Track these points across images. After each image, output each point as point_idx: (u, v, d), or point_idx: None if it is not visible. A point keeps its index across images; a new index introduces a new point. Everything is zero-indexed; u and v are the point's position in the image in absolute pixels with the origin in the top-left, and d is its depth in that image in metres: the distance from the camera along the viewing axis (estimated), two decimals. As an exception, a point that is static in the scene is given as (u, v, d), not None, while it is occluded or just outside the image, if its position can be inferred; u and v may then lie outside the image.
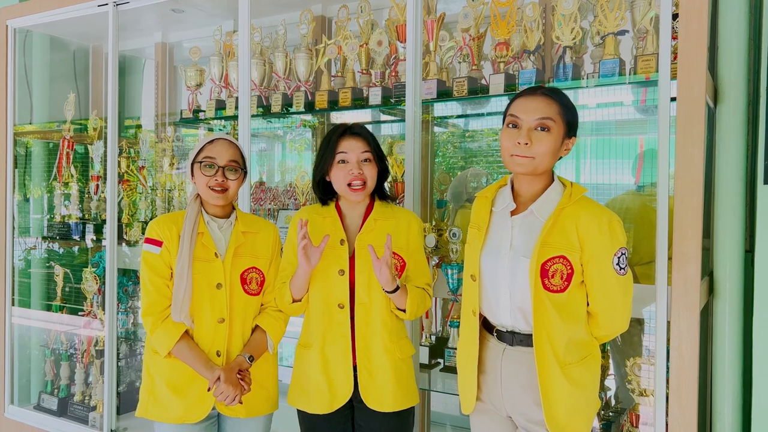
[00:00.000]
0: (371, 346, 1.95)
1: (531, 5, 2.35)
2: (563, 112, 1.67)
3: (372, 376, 1.95)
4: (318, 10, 3.14)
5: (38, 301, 3.81)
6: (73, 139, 3.61)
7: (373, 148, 1.98)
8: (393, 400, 1.95)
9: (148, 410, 2.03)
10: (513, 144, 1.66)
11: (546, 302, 1.66)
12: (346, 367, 1.95)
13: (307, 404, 1.99)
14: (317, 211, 2.06)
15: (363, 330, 1.95)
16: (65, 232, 3.55)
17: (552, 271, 1.66)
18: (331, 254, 1.95)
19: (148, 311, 1.98)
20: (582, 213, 1.67)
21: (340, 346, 1.95)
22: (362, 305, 1.95)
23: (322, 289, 1.97)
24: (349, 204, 2.03)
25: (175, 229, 2.00)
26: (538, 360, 1.67)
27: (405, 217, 2.04)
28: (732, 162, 2.06)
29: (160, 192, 3.43)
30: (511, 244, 1.73)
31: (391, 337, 1.97)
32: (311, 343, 1.99)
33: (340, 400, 1.95)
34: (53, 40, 3.90)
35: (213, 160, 1.98)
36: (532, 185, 1.73)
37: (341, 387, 1.95)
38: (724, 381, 2.06)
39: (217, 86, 3.22)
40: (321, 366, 1.96)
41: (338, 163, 1.96)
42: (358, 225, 2.01)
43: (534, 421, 1.71)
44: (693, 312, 1.87)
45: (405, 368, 2.00)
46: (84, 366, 3.50)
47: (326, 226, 2.00)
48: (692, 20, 1.87)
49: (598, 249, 1.65)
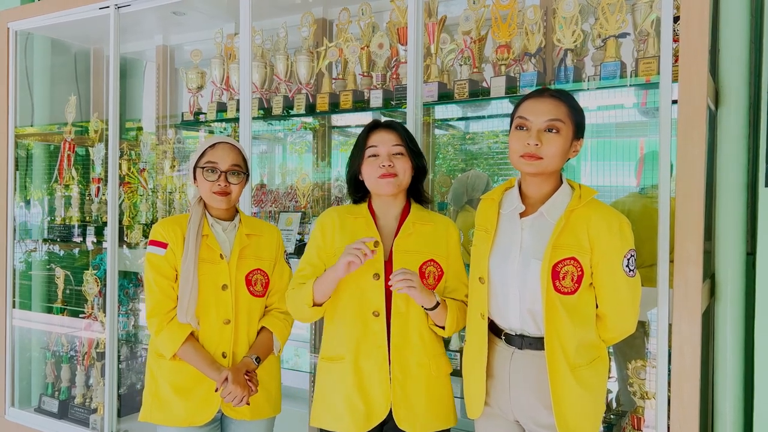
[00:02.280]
0: (407, 359, 1.81)
1: (532, 8, 2.35)
2: (572, 114, 1.68)
3: (406, 394, 1.80)
4: (319, 12, 3.15)
5: (39, 304, 3.80)
6: (74, 141, 3.61)
7: (407, 142, 1.86)
8: (426, 421, 1.82)
9: (152, 414, 2.02)
10: (522, 145, 1.66)
11: (557, 304, 1.66)
12: (383, 382, 1.79)
13: (338, 424, 1.82)
14: (349, 210, 1.93)
15: (399, 341, 1.80)
16: (66, 234, 3.55)
17: (563, 273, 1.66)
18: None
19: (153, 313, 1.98)
20: (593, 215, 1.67)
21: (375, 359, 1.80)
22: (399, 314, 1.81)
23: (354, 295, 1.82)
24: (383, 204, 1.90)
25: (179, 232, 2.00)
26: (549, 363, 1.66)
27: (443, 223, 1.92)
28: (733, 165, 2.06)
29: (160, 194, 3.43)
30: (521, 246, 1.72)
31: (427, 351, 1.84)
32: (342, 355, 1.83)
33: (377, 418, 1.80)
34: (54, 43, 3.90)
35: (215, 164, 1.98)
36: (540, 187, 1.73)
37: (378, 403, 1.79)
38: (725, 384, 2.06)
39: (218, 89, 3.22)
40: (354, 380, 1.80)
41: (369, 157, 1.85)
42: (393, 228, 1.88)
43: (543, 425, 1.71)
44: (694, 315, 1.87)
45: (441, 386, 1.87)
46: (85, 368, 3.49)
47: (359, 227, 1.87)
48: (693, 23, 1.88)
49: (608, 251, 1.66)
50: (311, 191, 3.03)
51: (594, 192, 1.71)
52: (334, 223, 1.90)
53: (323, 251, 1.89)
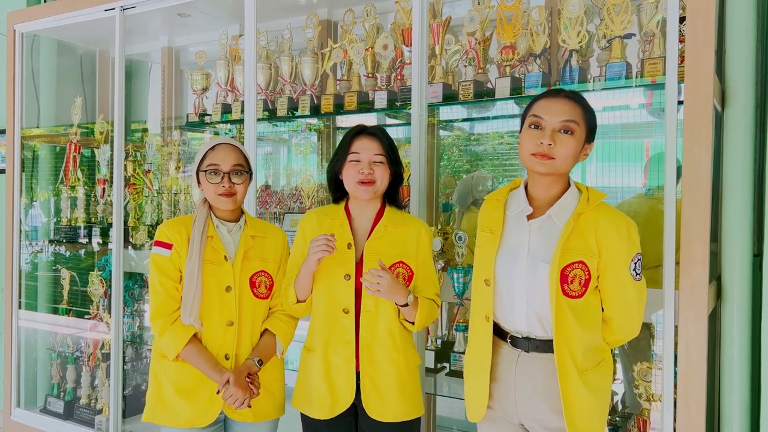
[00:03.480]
0: (375, 354, 1.92)
1: (537, 9, 2.34)
2: (586, 116, 1.68)
3: (375, 385, 1.92)
4: (323, 14, 3.15)
5: (45, 304, 3.81)
6: (79, 142, 3.63)
7: (387, 150, 1.95)
8: (396, 411, 1.93)
9: (156, 415, 2.02)
10: (535, 144, 1.65)
11: (566, 308, 1.65)
12: (349, 374, 1.92)
13: (309, 409, 1.98)
14: (326, 212, 2.04)
15: (367, 338, 1.92)
16: (72, 235, 3.56)
17: (571, 277, 1.65)
18: (336, 257, 1.92)
19: (157, 314, 1.98)
20: (601, 219, 1.66)
21: (343, 353, 1.93)
22: (368, 313, 1.92)
23: (326, 293, 1.95)
24: (359, 206, 2.00)
25: (185, 233, 2.00)
26: (559, 367, 1.65)
27: (415, 226, 2.01)
28: (739, 165, 2.05)
29: (166, 195, 3.44)
30: (528, 248, 1.71)
31: (397, 346, 1.94)
32: (314, 347, 1.98)
33: (341, 407, 1.93)
34: (60, 45, 3.92)
35: (217, 166, 1.98)
36: (549, 189, 1.72)
37: (343, 394, 1.93)
38: (732, 386, 2.05)
39: (223, 90, 3.23)
40: (323, 371, 1.94)
41: (350, 162, 1.94)
42: (367, 229, 1.98)
43: (550, 428, 1.70)
44: (701, 316, 1.86)
45: (410, 379, 1.98)
46: (90, 369, 3.50)
47: (334, 228, 1.97)
48: (699, 23, 1.87)
49: (616, 255, 1.65)
50: (316, 192, 3.03)
51: (603, 195, 1.70)
52: (314, 226, 2.02)
53: (305, 252, 1.96)
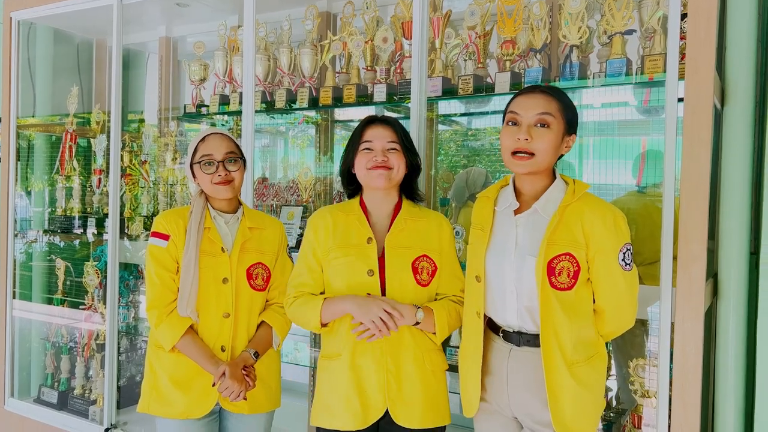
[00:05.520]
0: (401, 355, 1.81)
1: (538, 3, 2.34)
2: (562, 109, 1.68)
3: (401, 389, 1.80)
4: (323, 5, 3.13)
5: (39, 295, 3.80)
6: (75, 132, 3.60)
7: (402, 138, 1.86)
8: (422, 416, 1.82)
9: (151, 406, 2.02)
10: (513, 140, 1.67)
11: (553, 300, 1.66)
12: (381, 378, 1.79)
13: (332, 420, 1.82)
14: (340, 208, 1.94)
15: (393, 337, 1.79)
16: (67, 225, 3.54)
17: (559, 269, 1.66)
18: (357, 253, 1.83)
19: (153, 304, 1.97)
20: (586, 209, 1.67)
21: (372, 354, 1.80)
22: None
23: (350, 292, 1.82)
24: (375, 199, 1.90)
25: (182, 224, 1.99)
26: (545, 359, 1.66)
27: (436, 219, 1.92)
28: (738, 163, 2.05)
29: (162, 186, 3.42)
30: (516, 242, 1.72)
31: (420, 347, 1.84)
32: (339, 352, 1.84)
33: (374, 414, 1.80)
34: (57, 33, 3.88)
35: (210, 156, 1.97)
36: (534, 183, 1.73)
37: (375, 400, 1.80)
38: (727, 383, 2.06)
39: (221, 81, 3.21)
40: (352, 377, 1.80)
41: (363, 150, 1.85)
42: (386, 224, 1.88)
43: (541, 422, 1.71)
44: (697, 313, 1.87)
45: (435, 382, 1.86)
46: (84, 360, 3.49)
47: (351, 224, 1.88)
48: (701, 20, 1.86)
49: (603, 245, 1.65)
50: (313, 185, 3.02)
51: (587, 186, 1.71)
52: (327, 224, 1.90)
53: (318, 251, 1.90)
